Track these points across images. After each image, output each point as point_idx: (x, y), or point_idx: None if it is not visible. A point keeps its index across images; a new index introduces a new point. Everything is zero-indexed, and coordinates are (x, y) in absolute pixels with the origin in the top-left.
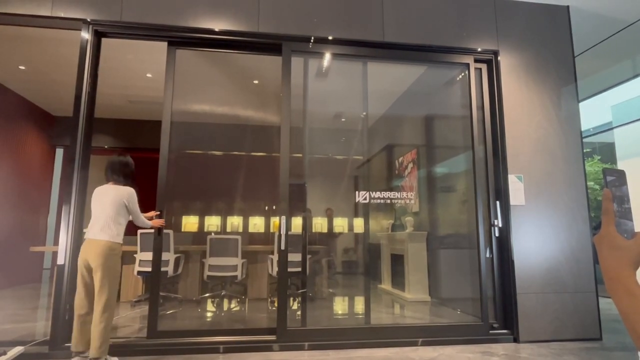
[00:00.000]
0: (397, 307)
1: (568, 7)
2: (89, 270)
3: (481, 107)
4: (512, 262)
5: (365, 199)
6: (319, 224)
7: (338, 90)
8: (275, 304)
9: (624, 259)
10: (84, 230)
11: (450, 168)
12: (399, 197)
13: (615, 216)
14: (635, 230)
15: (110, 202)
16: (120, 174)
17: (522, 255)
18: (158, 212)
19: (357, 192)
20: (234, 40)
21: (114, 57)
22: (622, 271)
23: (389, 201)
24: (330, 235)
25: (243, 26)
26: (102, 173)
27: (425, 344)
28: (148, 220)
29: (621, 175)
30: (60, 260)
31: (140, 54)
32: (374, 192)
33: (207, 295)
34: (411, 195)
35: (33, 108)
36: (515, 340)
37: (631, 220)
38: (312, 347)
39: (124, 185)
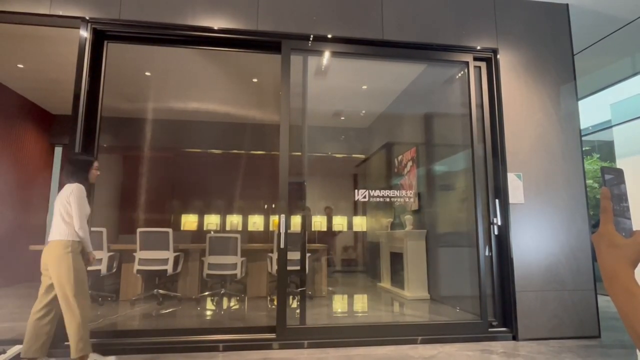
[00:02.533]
0: (396, 305)
1: (567, 5)
2: (46, 271)
3: (480, 106)
4: (511, 260)
5: (364, 197)
6: (318, 222)
7: (337, 88)
8: (275, 302)
9: (622, 257)
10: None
11: (449, 166)
12: (398, 195)
13: (614, 215)
14: (634, 229)
15: (59, 202)
16: (66, 174)
17: (521, 254)
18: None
19: (356, 191)
20: (233, 39)
21: (112, 54)
22: (620, 269)
23: (387, 199)
24: (330, 234)
25: (242, 24)
26: (103, 171)
27: (425, 342)
28: (89, 242)
29: (619, 173)
30: None
31: (139, 52)
32: (373, 191)
33: (206, 293)
34: (410, 193)
35: (31, 106)
36: (514, 338)
37: (629, 218)
38: (311, 345)
39: (74, 182)
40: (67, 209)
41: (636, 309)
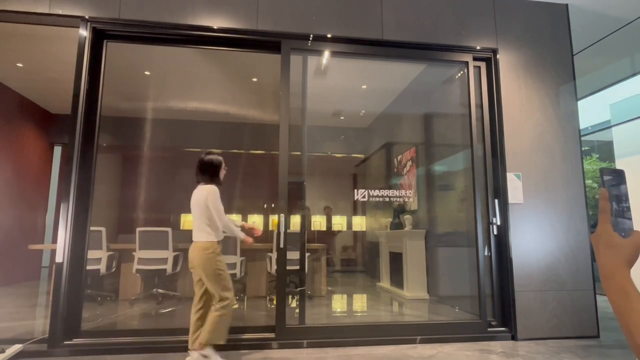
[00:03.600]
0: (395, 305)
1: (567, 5)
2: (193, 269)
3: (480, 105)
4: (510, 260)
5: (364, 196)
6: (318, 222)
7: (337, 88)
8: (274, 302)
9: (618, 257)
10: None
11: (449, 166)
12: (397, 195)
13: (612, 215)
14: (635, 229)
15: (197, 203)
16: (205, 174)
17: (520, 253)
18: (252, 226)
19: (355, 190)
20: (232, 38)
21: (111, 53)
22: (616, 269)
23: (386, 199)
24: (329, 234)
25: (242, 24)
26: (102, 170)
27: (424, 341)
28: (238, 230)
29: (620, 174)
30: (58, 258)
31: (139, 51)
32: (372, 190)
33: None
34: (410, 193)
35: (31, 105)
36: (513, 337)
37: (630, 218)
38: (310, 345)
39: (210, 184)
40: (207, 212)
41: (631, 309)
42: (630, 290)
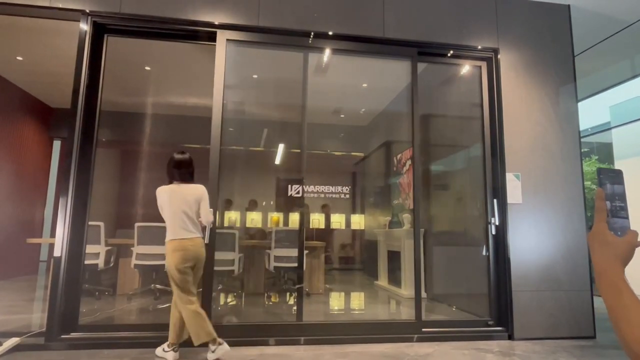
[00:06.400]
0: (393, 304)
1: (569, 6)
2: (194, 267)
3: (480, 105)
4: (508, 259)
5: (298, 192)
6: (316, 219)
7: (337, 85)
8: (273, 299)
9: (612, 254)
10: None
11: (448, 165)
12: (334, 191)
13: (608, 215)
14: (631, 229)
15: (192, 201)
16: (187, 172)
17: (518, 253)
18: None
19: (289, 186)
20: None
21: (112, 48)
22: (610, 266)
23: (323, 195)
24: (327, 232)
25: (243, 20)
26: (102, 165)
27: (421, 340)
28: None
29: (617, 174)
30: (57, 252)
31: (140, 46)
32: (307, 186)
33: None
34: (407, 191)
35: (30, 99)
36: (510, 337)
37: (626, 217)
38: (307, 342)
39: (192, 182)
40: (195, 209)
41: (622, 306)
42: (622, 286)
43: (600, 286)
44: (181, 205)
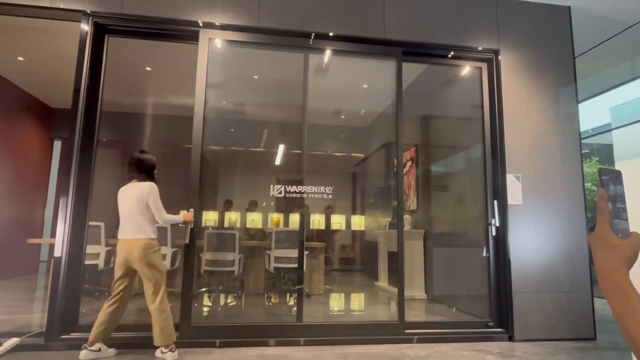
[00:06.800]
0: (393, 305)
1: (569, 7)
2: (131, 267)
3: (480, 106)
4: (509, 261)
5: (280, 192)
6: (317, 220)
7: (338, 86)
8: (273, 300)
9: (617, 257)
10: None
11: (448, 167)
12: (315, 191)
13: (610, 216)
14: (630, 230)
15: (135, 201)
16: (143, 172)
17: (518, 255)
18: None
19: (271, 186)
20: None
21: (113, 48)
22: (615, 270)
23: (306, 195)
24: (328, 232)
25: (244, 21)
26: (102, 166)
27: (421, 341)
28: (177, 216)
29: (617, 175)
30: (57, 253)
31: (140, 47)
32: (289, 186)
33: (203, 289)
34: (408, 192)
35: (31, 100)
36: (510, 338)
37: (626, 219)
38: (307, 343)
39: (146, 181)
40: (146, 210)
41: (630, 309)
42: (629, 289)
43: (606, 290)
44: (123, 205)
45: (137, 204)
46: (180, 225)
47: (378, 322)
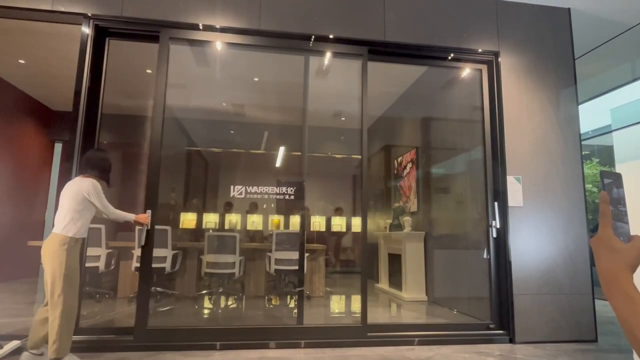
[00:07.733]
0: (394, 307)
1: (569, 9)
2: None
3: (481, 108)
4: (509, 263)
5: (240, 193)
6: (317, 222)
7: (338, 89)
8: (273, 302)
9: (621, 261)
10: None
11: (449, 169)
12: (277, 192)
13: (612, 219)
14: (632, 233)
15: (71, 195)
16: (95, 169)
17: (519, 257)
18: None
19: (232, 187)
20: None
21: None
22: (619, 274)
23: (267, 196)
24: (328, 234)
25: (244, 23)
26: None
27: (422, 343)
28: (127, 214)
29: (617, 178)
30: None
31: (141, 49)
32: (250, 187)
33: (204, 292)
34: (409, 194)
35: (32, 102)
36: (511, 340)
37: (627, 223)
38: (308, 345)
39: (94, 178)
40: (80, 205)
41: (635, 314)
42: (634, 294)
43: (611, 295)
44: (61, 200)
45: (73, 198)
46: (138, 228)
47: (378, 324)
